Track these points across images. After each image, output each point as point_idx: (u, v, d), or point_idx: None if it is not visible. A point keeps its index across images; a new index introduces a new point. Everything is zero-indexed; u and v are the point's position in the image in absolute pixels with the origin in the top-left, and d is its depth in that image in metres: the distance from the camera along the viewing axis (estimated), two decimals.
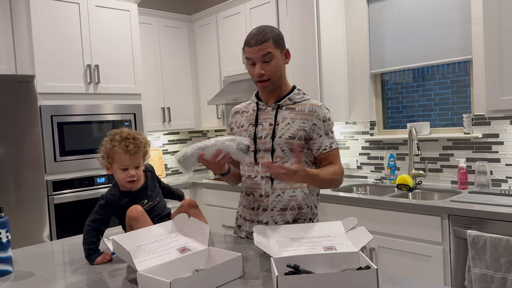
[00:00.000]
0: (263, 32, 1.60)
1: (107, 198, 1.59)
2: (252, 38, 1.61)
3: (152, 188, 1.70)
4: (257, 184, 1.69)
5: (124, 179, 1.59)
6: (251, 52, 1.61)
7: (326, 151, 1.67)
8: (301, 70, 3.27)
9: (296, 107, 1.68)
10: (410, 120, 3.17)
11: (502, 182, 2.65)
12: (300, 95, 1.72)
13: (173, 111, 4.16)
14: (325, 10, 3.21)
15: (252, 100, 1.81)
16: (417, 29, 3.01)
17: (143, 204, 1.65)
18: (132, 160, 1.57)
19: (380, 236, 2.54)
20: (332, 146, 1.68)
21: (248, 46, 1.62)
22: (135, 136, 1.61)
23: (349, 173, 3.45)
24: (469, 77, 2.85)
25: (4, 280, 1.40)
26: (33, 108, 3.00)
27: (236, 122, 1.81)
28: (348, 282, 1.11)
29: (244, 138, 1.57)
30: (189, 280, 1.16)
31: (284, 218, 1.67)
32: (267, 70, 1.62)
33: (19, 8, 3.16)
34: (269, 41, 1.60)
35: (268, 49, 1.59)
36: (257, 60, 1.61)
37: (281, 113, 1.68)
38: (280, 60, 1.64)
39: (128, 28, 3.59)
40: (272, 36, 1.61)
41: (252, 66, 1.65)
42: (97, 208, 1.57)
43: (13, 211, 2.91)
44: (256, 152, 1.70)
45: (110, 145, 1.58)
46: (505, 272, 2.02)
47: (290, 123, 1.66)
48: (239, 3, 3.72)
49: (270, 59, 1.61)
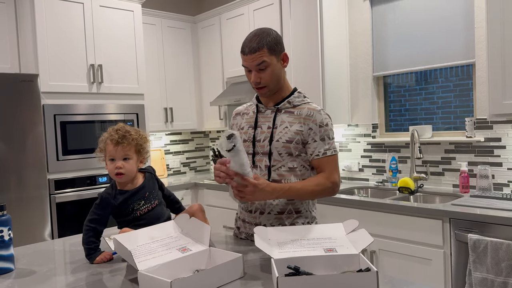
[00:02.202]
0: (257, 39, 1.58)
1: (102, 197, 1.58)
2: (246, 45, 1.59)
3: (151, 189, 1.67)
4: None
5: (112, 171, 1.59)
6: (246, 61, 1.60)
7: (318, 157, 1.63)
8: (304, 72, 3.28)
9: (295, 111, 1.66)
10: (412, 123, 3.17)
11: (503, 186, 2.65)
12: (300, 98, 1.70)
13: (176, 112, 4.17)
14: (328, 12, 3.21)
15: (253, 102, 1.80)
16: (420, 32, 3.01)
17: (139, 205, 1.62)
18: (119, 151, 1.58)
19: (381, 239, 2.54)
20: (326, 152, 1.63)
21: (243, 54, 1.61)
22: (127, 129, 1.61)
23: (350, 176, 3.45)
24: (471, 81, 2.85)
25: (5, 278, 1.41)
26: (36, 107, 3.02)
27: (237, 124, 1.81)
28: (348, 284, 1.11)
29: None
30: (189, 280, 1.16)
31: (282, 222, 1.66)
32: (263, 77, 1.60)
33: (24, 8, 3.18)
34: (263, 49, 1.57)
35: (262, 57, 1.57)
36: (252, 68, 1.60)
37: (280, 117, 1.67)
38: (276, 66, 1.62)
39: (132, 28, 3.61)
40: (266, 42, 1.58)
41: (249, 73, 1.64)
42: (93, 207, 1.57)
43: (15, 209, 2.92)
44: (254, 155, 1.69)
45: (103, 136, 1.63)
46: (505, 277, 2.01)
47: (288, 126, 1.64)
48: (243, 4, 3.73)
49: (265, 67, 1.59)
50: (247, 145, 1.71)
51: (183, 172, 4.57)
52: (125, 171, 1.58)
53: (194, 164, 4.68)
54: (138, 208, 1.61)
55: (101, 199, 1.58)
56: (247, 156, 1.48)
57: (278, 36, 1.63)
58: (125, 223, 1.61)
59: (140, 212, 1.62)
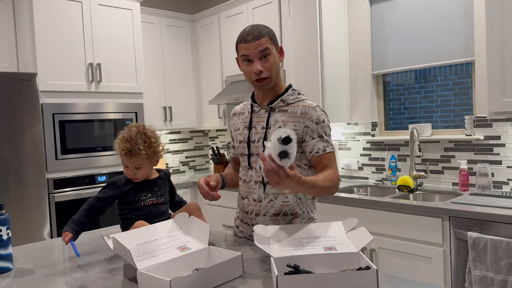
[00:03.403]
0: (258, 28, 1.57)
1: (113, 180, 1.68)
2: (248, 34, 1.57)
3: (160, 186, 1.72)
4: (252, 189, 1.66)
5: (126, 174, 1.68)
6: (249, 48, 1.56)
7: (318, 154, 1.59)
8: (303, 70, 3.27)
9: (289, 109, 1.63)
10: (412, 121, 3.17)
11: (503, 184, 2.65)
12: (294, 95, 1.66)
13: (175, 111, 4.16)
14: (327, 11, 3.21)
15: (248, 99, 1.77)
16: (419, 30, 3.01)
17: (145, 197, 1.67)
18: (131, 162, 1.63)
19: (380, 237, 2.54)
20: (326, 149, 1.59)
21: (245, 42, 1.57)
22: (136, 141, 1.61)
23: (350, 174, 3.45)
24: (471, 79, 2.85)
25: (4, 277, 1.40)
26: (35, 106, 3.01)
27: (234, 124, 1.78)
28: (348, 282, 1.11)
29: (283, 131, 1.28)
30: (189, 279, 1.16)
31: (277, 224, 1.64)
32: (266, 66, 1.57)
33: (22, 6, 3.17)
34: (265, 36, 1.56)
35: (266, 44, 1.56)
36: (255, 56, 1.56)
37: (274, 116, 1.64)
38: (277, 57, 1.61)
39: (131, 27, 3.60)
40: (267, 32, 1.58)
41: (248, 64, 1.59)
42: (102, 188, 1.67)
43: (14, 208, 2.91)
44: (249, 156, 1.67)
45: (117, 140, 1.66)
46: (505, 275, 2.01)
47: (282, 126, 1.61)
48: (242, 3, 3.73)
49: (268, 54, 1.57)
50: (243, 146, 1.69)
51: (182, 171, 4.56)
52: (138, 176, 1.66)
53: (193, 163, 4.67)
54: (144, 199, 1.67)
55: (111, 182, 1.67)
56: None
57: (273, 31, 1.64)
58: (126, 211, 1.67)
59: (144, 203, 1.66)
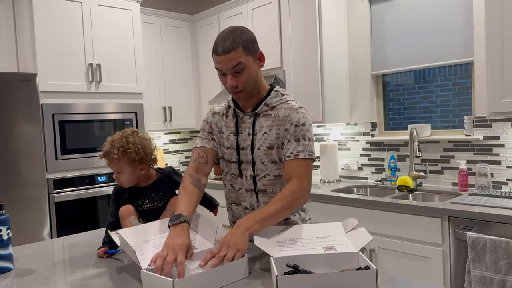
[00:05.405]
0: (231, 37, 1.41)
1: (115, 190, 1.71)
2: (218, 44, 1.42)
3: (158, 191, 1.69)
4: (243, 197, 1.62)
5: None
6: (220, 62, 1.42)
7: (290, 158, 1.46)
8: (303, 71, 3.28)
9: (273, 113, 1.53)
10: (411, 121, 3.17)
11: (502, 184, 2.65)
12: (277, 97, 1.56)
13: (175, 111, 4.16)
14: (327, 11, 3.21)
15: (230, 104, 1.62)
16: (419, 30, 3.01)
17: (143, 204, 1.68)
18: (111, 165, 1.64)
19: (380, 237, 2.54)
20: (299, 154, 1.46)
21: (216, 54, 1.43)
22: (113, 145, 1.60)
23: (349, 174, 3.45)
24: (470, 79, 2.85)
25: (4, 277, 1.41)
26: (34, 106, 3.01)
27: (217, 123, 1.64)
28: (347, 282, 1.11)
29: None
30: (191, 280, 1.15)
31: None
32: (240, 81, 1.45)
33: (22, 7, 3.17)
34: (238, 48, 1.40)
35: (238, 58, 1.41)
36: (227, 71, 1.44)
37: (259, 122, 1.54)
38: (253, 67, 1.46)
39: (130, 27, 3.60)
40: (242, 41, 1.42)
41: (222, 76, 1.48)
42: (110, 203, 1.71)
43: (14, 208, 2.91)
44: (240, 164, 1.59)
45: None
46: (504, 275, 2.02)
47: (267, 131, 1.52)
48: (241, 3, 3.73)
49: (242, 69, 1.43)
50: (230, 152, 1.60)
51: (182, 171, 4.56)
52: (121, 182, 1.65)
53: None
54: (142, 205, 1.69)
55: (113, 193, 1.70)
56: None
57: (253, 35, 1.48)
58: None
59: (141, 209, 1.68)
